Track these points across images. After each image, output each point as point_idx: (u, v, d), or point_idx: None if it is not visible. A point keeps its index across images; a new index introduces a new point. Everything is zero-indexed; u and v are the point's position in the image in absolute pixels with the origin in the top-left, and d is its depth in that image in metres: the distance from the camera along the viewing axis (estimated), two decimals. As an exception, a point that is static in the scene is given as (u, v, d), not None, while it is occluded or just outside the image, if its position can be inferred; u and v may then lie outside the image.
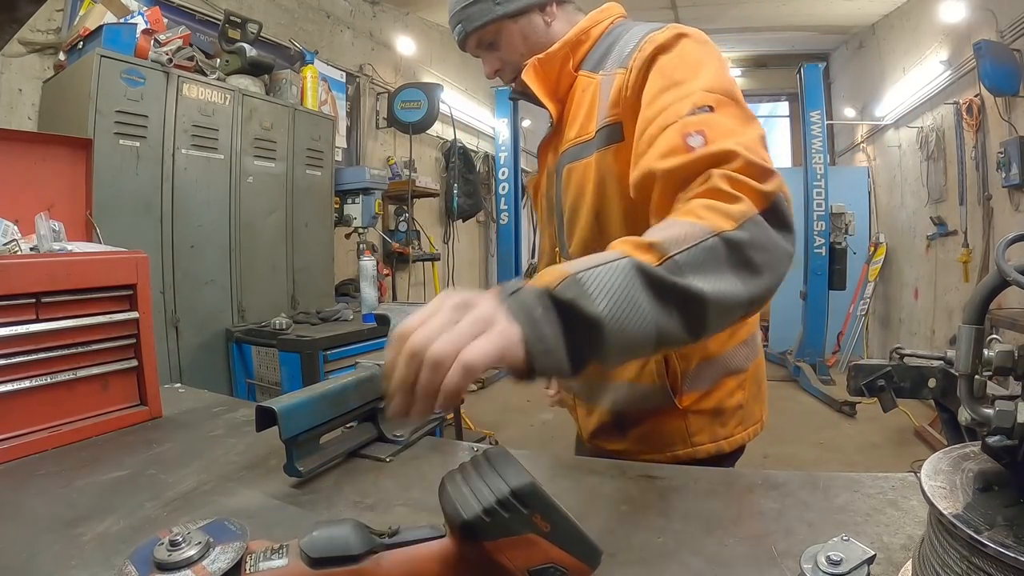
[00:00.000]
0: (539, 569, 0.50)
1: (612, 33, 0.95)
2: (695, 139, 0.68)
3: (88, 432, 1.02)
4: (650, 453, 0.97)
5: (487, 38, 0.98)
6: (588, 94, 0.92)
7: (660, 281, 0.55)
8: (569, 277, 0.54)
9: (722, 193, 0.62)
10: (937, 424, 3.56)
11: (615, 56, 0.89)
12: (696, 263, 0.56)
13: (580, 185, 0.93)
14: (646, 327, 0.54)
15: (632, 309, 0.53)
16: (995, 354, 0.44)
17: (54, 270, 1.00)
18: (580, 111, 0.93)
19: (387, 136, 5.06)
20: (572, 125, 0.95)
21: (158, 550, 0.47)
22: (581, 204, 0.93)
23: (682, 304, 0.56)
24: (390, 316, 1.06)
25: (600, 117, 0.88)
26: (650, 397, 0.96)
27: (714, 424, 0.98)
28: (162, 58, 2.42)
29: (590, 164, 0.90)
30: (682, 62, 0.78)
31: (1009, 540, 0.37)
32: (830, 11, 5.64)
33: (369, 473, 0.85)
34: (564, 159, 0.96)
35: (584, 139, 0.91)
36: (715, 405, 0.97)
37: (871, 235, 6.13)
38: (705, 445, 0.97)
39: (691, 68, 0.77)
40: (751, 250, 0.59)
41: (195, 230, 2.60)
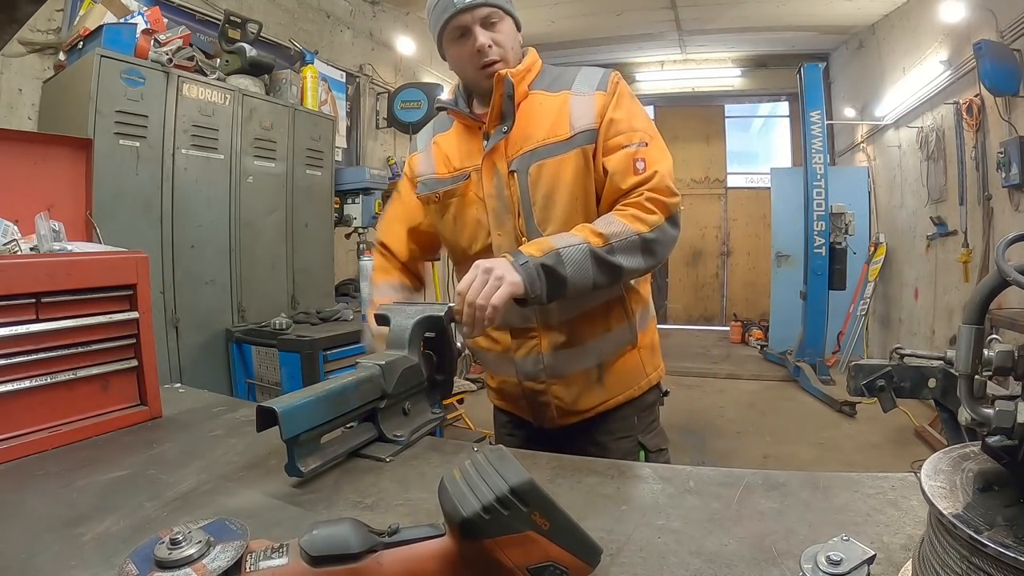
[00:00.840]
0: (538, 567, 0.51)
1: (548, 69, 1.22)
2: (640, 164, 1.08)
3: (88, 432, 1.02)
4: (623, 392, 1.22)
5: (493, 19, 1.14)
6: (551, 106, 1.14)
7: (602, 258, 1.02)
8: (554, 252, 0.99)
9: (645, 207, 1.06)
10: (937, 424, 3.56)
11: (583, 83, 1.16)
12: (622, 249, 1.03)
13: (554, 177, 1.12)
14: (588, 281, 1.02)
15: (584, 273, 1.01)
16: (995, 354, 0.44)
17: (54, 270, 1.00)
18: (543, 119, 1.14)
19: (387, 136, 5.06)
20: (535, 131, 1.13)
21: (159, 549, 0.47)
22: (557, 193, 1.12)
23: (610, 271, 1.03)
24: (390, 316, 1.06)
25: (580, 123, 1.12)
26: (620, 340, 1.21)
27: (653, 357, 1.28)
28: (162, 58, 2.42)
29: (568, 159, 1.11)
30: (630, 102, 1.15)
31: (1009, 540, 0.37)
32: (830, 11, 5.63)
33: (369, 473, 0.85)
34: (529, 159, 1.13)
35: (557, 140, 1.12)
36: (650, 341, 1.28)
37: (871, 235, 6.12)
38: (653, 374, 1.27)
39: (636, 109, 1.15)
40: (654, 244, 1.06)
41: (195, 230, 2.60)
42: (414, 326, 1.03)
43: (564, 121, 1.12)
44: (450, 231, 1.25)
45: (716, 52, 7.39)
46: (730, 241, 8.56)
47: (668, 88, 7.88)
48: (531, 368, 1.21)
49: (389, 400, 0.95)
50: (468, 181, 1.19)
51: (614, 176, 1.09)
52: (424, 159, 1.29)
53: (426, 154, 1.29)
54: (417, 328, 1.04)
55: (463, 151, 1.21)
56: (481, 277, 0.95)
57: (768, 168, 7.35)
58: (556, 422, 1.23)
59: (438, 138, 1.28)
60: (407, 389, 0.99)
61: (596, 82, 1.15)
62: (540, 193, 1.13)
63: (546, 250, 0.99)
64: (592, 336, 1.19)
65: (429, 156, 1.27)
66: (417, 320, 1.04)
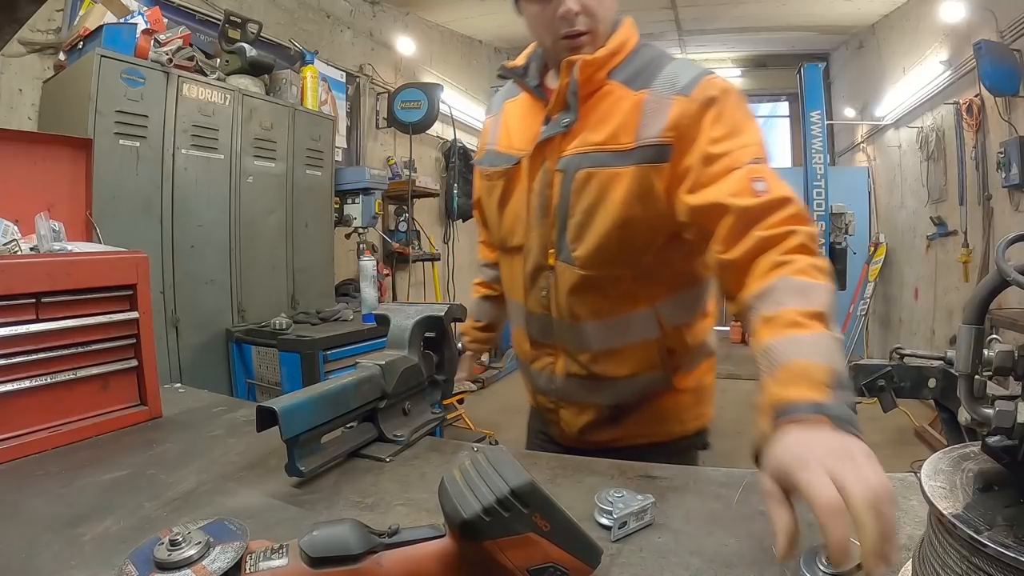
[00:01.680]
0: (539, 568, 0.50)
1: (641, 51, 0.99)
2: (759, 184, 0.82)
3: (88, 432, 1.02)
4: (645, 436, 1.06)
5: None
6: (623, 106, 0.93)
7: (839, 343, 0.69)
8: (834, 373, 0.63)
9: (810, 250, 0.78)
10: (937, 424, 3.56)
11: (664, 82, 0.92)
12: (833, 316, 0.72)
13: (601, 192, 0.94)
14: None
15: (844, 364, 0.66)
16: (995, 354, 0.44)
17: (54, 270, 1.00)
18: (609, 119, 0.94)
19: (387, 136, 5.06)
20: (596, 131, 0.95)
21: (158, 550, 0.47)
22: (599, 211, 0.94)
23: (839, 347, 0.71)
24: (390, 316, 1.06)
25: (645, 134, 0.90)
26: (649, 386, 1.05)
27: (697, 402, 1.10)
28: (162, 58, 2.42)
29: (622, 175, 0.92)
30: (737, 113, 0.90)
31: (1009, 540, 0.37)
32: (830, 11, 5.63)
33: (369, 473, 0.85)
34: (580, 162, 0.95)
35: (616, 148, 0.92)
36: (696, 384, 1.09)
37: (871, 235, 6.12)
38: (691, 422, 1.09)
39: (744, 122, 0.90)
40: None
41: (195, 230, 2.60)
42: (414, 326, 1.03)
43: (631, 128, 0.92)
44: (493, 215, 1.11)
45: (716, 52, 7.38)
46: (730, 241, 8.52)
47: (668, 88, 7.87)
48: (544, 384, 1.11)
49: (389, 400, 0.95)
50: (518, 166, 1.04)
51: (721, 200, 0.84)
52: (492, 125, 1.14)
53: (495, 120, 1.13)
54: (417, 328, 1.04)
55: (523, 129, 1.05)
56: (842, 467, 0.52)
57: (768, 168, 7.34)
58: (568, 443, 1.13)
59: (507, 104, 1.12)
60: (407, 389, 0.99)
61: (681, 83, 0.91)
62: (581, 205, 0.95)
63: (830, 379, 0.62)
64: (612, 376, 1.02)
65: (497, 123, 1.12)
66: (417, 320, 1.04)
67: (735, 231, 0.82)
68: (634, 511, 0.66)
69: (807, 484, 0.52)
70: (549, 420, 1.15)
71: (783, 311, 0.71)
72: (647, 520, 0.67)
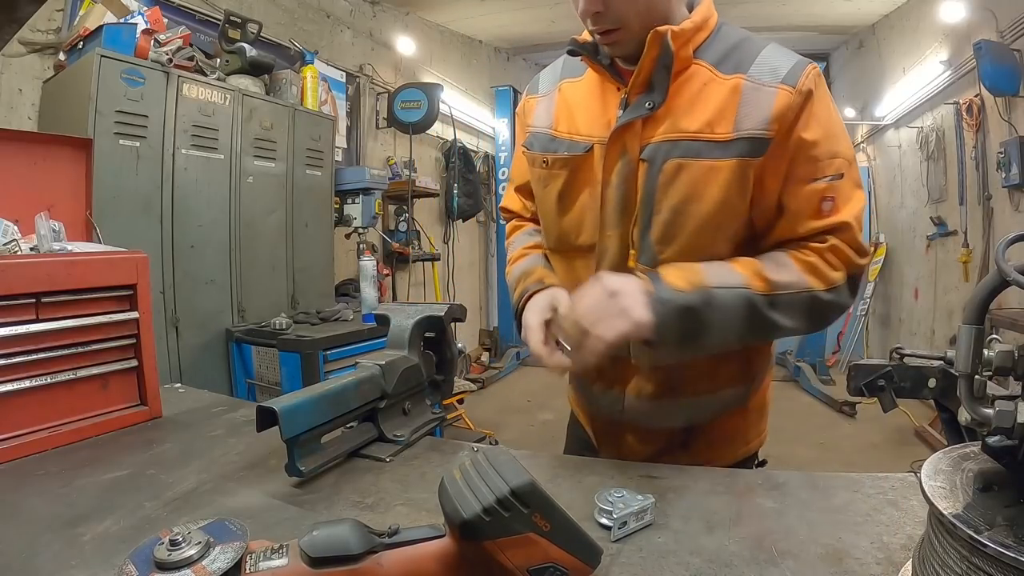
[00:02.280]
0: (539, 568, 0.50)
1: (724, 31, 0.89)
2: (827, 204, 0.83)
3: (88, 432, 1.02)
4: (712, 460, 0.95)
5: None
6: (716, 91, 0.83)
7: (759, 312, 0.79)
8: (704, 290, 0.77)
9: (830, 261, 0.82)
10: (937, 424, 3.56)
11: (764, 68, 0.83)
12: (787, 305, 0.80)
13: (697, 187, 0.83)
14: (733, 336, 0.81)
15: (732, 325, 0.79)
16: (995, 354, 0.44)
17: (54, 270, 1.00)
18: (703, 105, 0.83)
19: (387, 136, 5.05)
20: (687, 116, 0.84)
21: (158, 550, 0.47)
22: (694, 209, 0.84)
23: (762, 328, 0.81)
24: (390, 316, 1.06)
25: (747, 124, 0.81)
26: (728, 403, 0.97)
27: (760, 418, 1.04)
28: (162, 58, 2.41)
29: (721, 168, 0.82)
30: (831, 111, 0.85)
31: (1009, 540, 0.37)
32: (830, 11, 5.63)
33: (369, 473, 0.85)
34: (669, 151, 0.84)
35: (713, 138, 0.82)
36: (761, 401, 1.03)
37: (871, 235, 6.12)
38: (755, 439, 1.03)
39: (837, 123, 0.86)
40: (826, 309, 0.84)
41: (195, 230, 2.60)
42: (414, 326, 1.03)
43: (728, 116, 0.82)
44: (550, 209, 0.98)
45: (716, 52, 7.38)
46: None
47: (668, 88, 7.86)
48: (606, 406, 1.00)
49: (389, 400, 0.95)
50: (589, 154, 0.91)
51: (789, 215, 0.84)
52: (544, 107, 1.00)
53: (547, 101, 1.00)
54: (417, 328, 1.04)
55: (592, 113, 0.92)
56: (603, 301, 0.75)
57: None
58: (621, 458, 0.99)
59: (564, 85, 0.98)
60: (407, 389, 0.99)
61: (784, 71, 0.82)
62: (671, 200, 0.84)
63: (695, 284, 0.77)
64: (692, 394, 0.94)
65: (551, 104, 0.99)
66: (417, 320, 1.04)
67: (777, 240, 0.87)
68: (634, 511, 0.66)
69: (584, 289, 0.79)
70: (606, 443, 1.04)
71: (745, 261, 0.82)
72: (647, 520, 0.67)
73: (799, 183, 0.83)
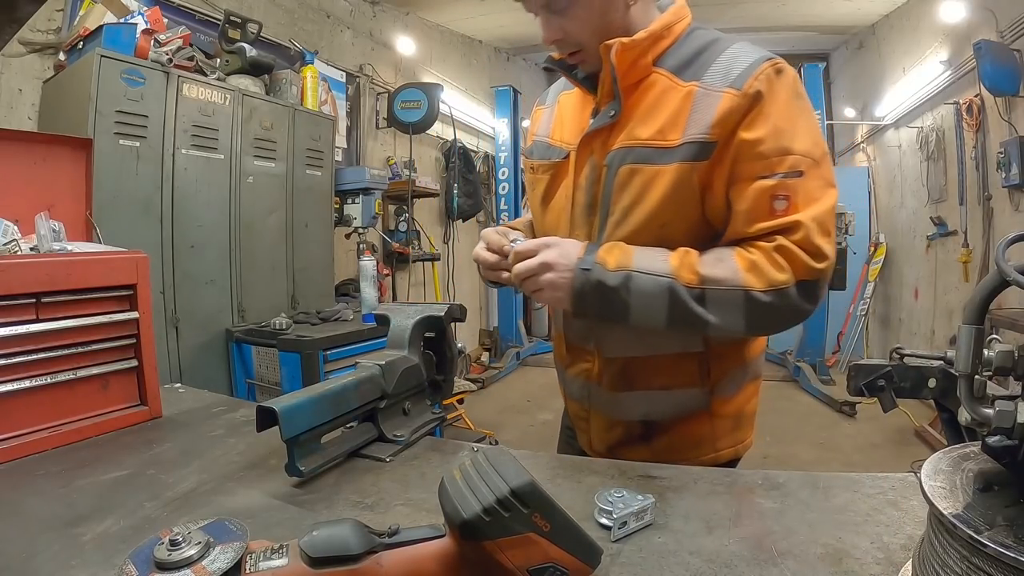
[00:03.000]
0: (539, 568, 0.50)
1: (693, 36, 0.92)
2: (780, 203, 0.81)
3: (88, 432, 1.02)
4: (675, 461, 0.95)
5: (559, 3, 0.88)
6: (671, 99, 0.87)
7: (682, 303, 0.81)
8: (625, 272, 0.82)
9: (774, 260, 0.80)
10: (937, 424, 3.56)
11: (717, 71, 0.85)
12: (717, 301, 0.81)
13: (642, 190, 0.88)
14: (657, 323, 0.83)
15: (653, 310, 0.82)
16: (995, 354, 0.44)
17: (54, 270, 1.00)
18: (656, 113, 0.88)
19: (387, 136, 5.06)
20: (642, 124, 0.89)
21: (158, 550, 0.47)
22: (638, 210, 0.89)
23: (689, 320, 0.82)
24: (390, 316, 1.06)
25: (693, 130, 0.84)
26: (685, 404, 0.97)
27: (736, 429, 1.01)
28: (162, 58, 2.41)
29: (665, 172, 0.86)
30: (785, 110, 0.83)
31: (1009, 540, 0.37)
32: (830, 11, 5.63)
33: (369, 473, 0.85)
34: (624, 157, 0.89)
35: (661, 145, 0.86)
36: (737, 410, 1.00)
37: (871, 235, 6.12)
38: (726, 450, 1.00)
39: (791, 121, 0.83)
40: (764, 310, 0.80)
41: (195, 230, 2.60)
42: (414, 326, 1.03)
43: (680, 123, 0.85)
44: (536, 209, 1.08)
45: (716, 52, 7.37)
46: (730, 241, 8.53)
47: (668, 88, 7.85)
48: (577, 391, 1.06)
49: (389, 400, 0.95)
50: (566, 160, 0.98)
51: (738, 215, 0.84)
52: (547, 116, 1.09)
53: (550, 112, 1.08)
54: (417, 328, 1.04)
55: (575, 122, 1.00)
56: (535, 268, 0.85)
57: (768, 168, 7.33)
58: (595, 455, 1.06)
59: (562, 96, 1.07)
60: (407, 389, 0.99)
61: (735, 74, 0.83)
62: (622, 203, 0.90)
63: (621, 265, 0.82)
64: (646, 387, 0.97)
65: (551, 114, 1.07)
66: (417, 320, 1.04)
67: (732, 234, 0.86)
68: (634, 511, 0.66)
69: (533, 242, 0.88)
70: (580, 428, 1.10)
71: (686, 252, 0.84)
72: (647, 520, 0.67)
73: (745, 182, 0.83)
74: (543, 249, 0.85)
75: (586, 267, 0.83)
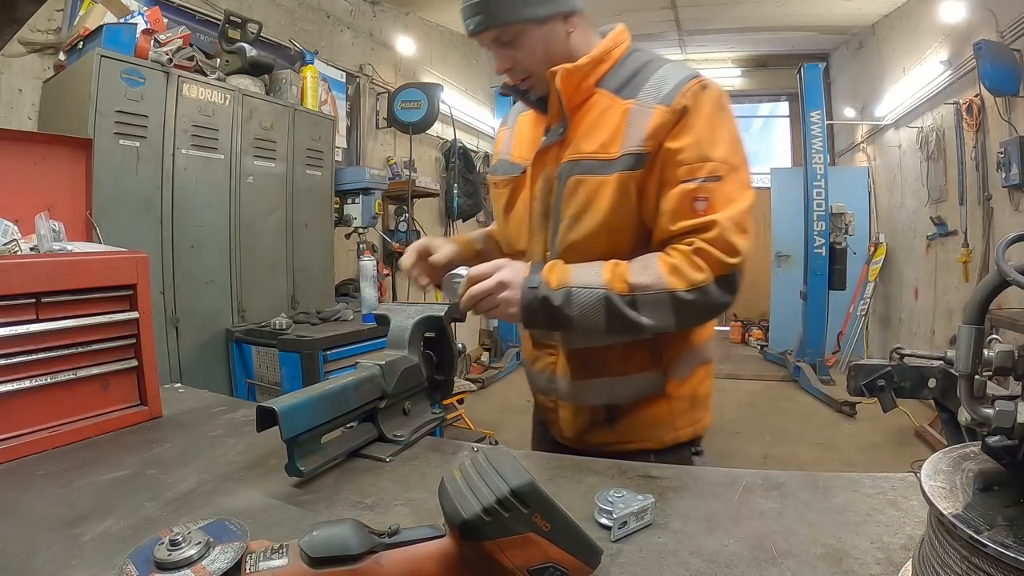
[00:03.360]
0: (539, 568, 0.50)
1: (631, 58, 1.03)
2: (700, 204, 0.91)
3: (88, 432, 1.02)
4: (638, 441, 1.07)
5: (507, 37, 0.98)
6: (612, 115, 0.98)
7: (618, 311, 0.90)
8: (566, 289, 0.91)
9: (693, 262, 0.90)
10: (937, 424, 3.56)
11: (650, 89, 0.96)
12: (649, 304, 0.90)
13: (589, 199, 0.98)
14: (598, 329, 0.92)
15: (593, 319, 0.91)
16: (995, 354, 0.44)
17: (54, 270, 1.00)
18: (599, 129, 0.98)
19: (387, 136, 5.06)
20: (587, 139, 0.99)
21: (158, 550, 0.47)
22: (586, 217, 0.99)
23: (626, 325, 0.91)
24: (390, 316, 1.06)
25: (629, 143, 0.95)
26: (641, 387, 1.07)
27: (691, 408, 1.10)
28: (162, 58, 2.41)
29: (608, 183, 0.96)
30: (709, 121, 0.94)
31: (1009, 540, 0.37)
32: (830, 11, 5.63)
33: (369, 473, 0.85)
34: (572, 169, 1.00)
35: (603, 157, 0.97)
36: (691, 391, 1.09)
37: (871, 235, 6.12)
38: (686, 428, 1.09)
39: (712, 131, 0.94)
40: (689, 307, 0.90)
41: (195, 230, 2.60)
42: (414, 326, 1.03)
43: (619, 137, 0.96)
44: (499, 220, 1.18)
45: (716, 52, 7.38)
46: (730, 241, 8.53)
47: (668, 88, 7.85)
48: (544, 384, 1.15)
49: (389, 400, 0.95)
50: (524, 175, 1.09)
51: (664, 216, 0.94)
52: (508, 137, 1.20)
53: (511, 132, 1.19)
54: (417, 328, 1.04)
55: (530, 140, 1.11)
56: (492, 287, 0.92)
57: (768, 168, 7.35)
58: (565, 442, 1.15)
59: (521, 117, 1.18)
60: (407, 389, 1.00)
61: (665, 91, 0.95)
62: (571, 211, 1.01)
63: (560, 283, 0.92)
64: (607, 374, 1.06)
65: (512, 135, 1.18)
66: (417, 320, 1.04)
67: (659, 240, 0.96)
68: (634, 511, 0.66)
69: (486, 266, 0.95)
70: (549, 420, 1.18)
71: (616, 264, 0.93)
72: (647, 520, 0.67)
73: (670, 185, 0.93)
74: (497, 271, 0.93)
75: (533, 285, 0.92)
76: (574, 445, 1.12)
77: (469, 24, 1.00)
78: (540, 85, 1.03)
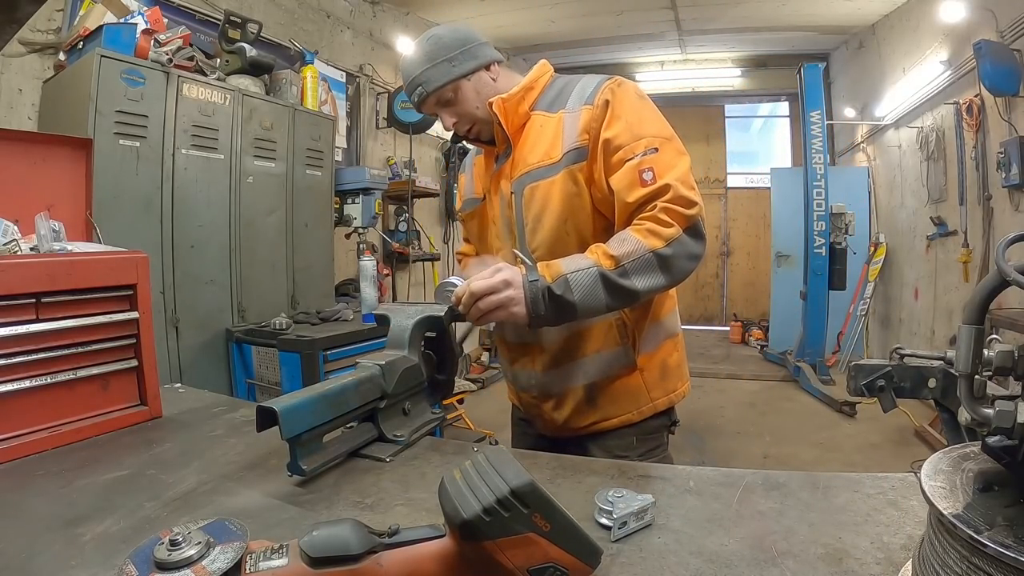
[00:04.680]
0: (539, 568, 0.50)
1: (556, 83, 1.21)
2: (647, 174, 1.02)
3: (88, 432, 1.02)
4: (619, 415, 1.17)
5: (446, 96, 1.15)
6: (548, 128, 1.13)
7: (613, 282, 0.98)
8: (562, 277, 0.98)
9: (661, 220, 1.00)
10: (937, 424, 3.56)
11: (575, 99, 1.12)
12: (637, 269, 0.99)
13: (544, 200, 1.12)
14: (600, 305, 1.00)
15: (594, 297, 0.98)
16: (995, 354, 0.44)
17: (54, 270, 1.00)
18: (540, 141, 1.13)
19: (387, 136, 5.06)
20: (532, 152, 1.14)
21: (158, 550, 0.47)
22: (545, 215, 1.12)
23: (624, 294, 0.99)
24: (390, 316, 1.06)
25: (568, 143, 1.10)
26: (614, 362, 1.16)
27: (664, 380, 1.20)
28: (162, 58, 2.41)
29: (557, 181, 1.10)
30: (632, 107, 1.09)
31: (1009, 540, 0.37)
32: (830, 11, 5.63)
33: (369, 473, 0.85)
34: (524, 180, 1.14)
35: (549, 162, 1.11)
36: (661, 363, 1.20)
37: (871, 235, 6.12)
38: (660, 399, 1.19)
39: (638, 114, 1.08)
40: (672, 260, 1.00)
41: (195, 230, 2.60)
42: (414, 326, 1.03)
43: (558, 143, 1.11)
44: (475, 241, 1.35)
45: (716, 52, 7.38)
46: (730, 241, 8.56)
47: (668, 88, 7.86)
48: (524, 382, 1.24)
49: (389, 400, 0.95)
50: (485, 201, 1.25)
51: (619, 193, 1.04)
52: (468, 180, 1.37)
53: (469, 175, 1.37)
54: (417, 328, 1.04)
55: (486, 173, 1.27)
56: (496, 286, 0.97)
57: (768, 168, 7.35)
58: (553, 432, 1.24)
59: (475, 159, 1.36)
60: (407, 389, 0.99)
61: (587, 95, 1.11)
62: (531, 214, 1.14)
63: (555, 275, 0.98)
64: (582, 354, 1.16)
65: (471, 176, 1.36)
66: (417, 320, 1.04)
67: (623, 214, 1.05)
68: (634, 511, 0.66)
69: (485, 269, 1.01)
70: (533, 415, 1.27)
71: (596, 246, 1.02)
72: (647, 520, 0.67)
73: (617, 167, 1.05)
74: (498, 272, 1.00)
75: (533, 279, 0.98)
76: (561, 433, 1.21)
77: (413, 97, 1.17)
78: (484, 128, 1.18)
